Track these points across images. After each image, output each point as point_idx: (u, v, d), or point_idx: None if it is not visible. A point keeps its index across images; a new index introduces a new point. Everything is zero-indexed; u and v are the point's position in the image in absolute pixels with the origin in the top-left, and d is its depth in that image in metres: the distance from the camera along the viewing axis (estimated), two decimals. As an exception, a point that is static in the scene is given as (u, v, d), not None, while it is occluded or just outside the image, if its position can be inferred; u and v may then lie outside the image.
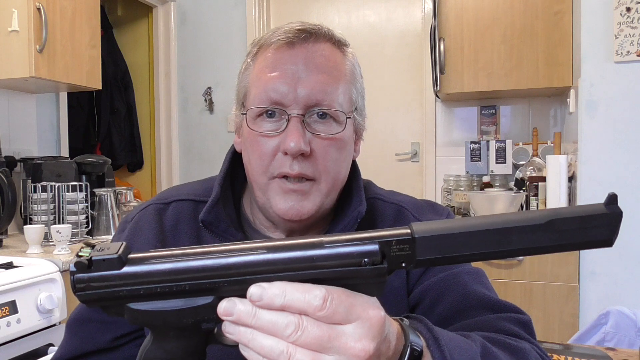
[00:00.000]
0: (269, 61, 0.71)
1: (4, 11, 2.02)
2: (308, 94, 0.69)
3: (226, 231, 0.74)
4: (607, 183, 2.07)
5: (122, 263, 0.43)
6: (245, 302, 0.41)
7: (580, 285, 2.09)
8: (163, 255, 0.43)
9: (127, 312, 0.44)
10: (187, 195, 0.81)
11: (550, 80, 2.39)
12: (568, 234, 0.42)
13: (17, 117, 2.40)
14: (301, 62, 0.70)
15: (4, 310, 1.40)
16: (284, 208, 0.70)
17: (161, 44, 3.42)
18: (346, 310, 0.41)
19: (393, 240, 0.43)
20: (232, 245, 0.44)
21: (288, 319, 0.40)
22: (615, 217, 0.43)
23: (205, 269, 0.42)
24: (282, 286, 0.41)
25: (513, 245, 0.43)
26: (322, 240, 0.43)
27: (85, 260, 0.43)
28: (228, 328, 0.42)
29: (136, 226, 0.80)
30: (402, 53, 3.06)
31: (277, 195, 0.70)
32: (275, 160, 0.70)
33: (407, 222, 0.79)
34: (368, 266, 0.42)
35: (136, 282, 0.43)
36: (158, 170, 3.51)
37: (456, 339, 0.55)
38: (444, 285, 0.73)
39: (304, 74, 0.69)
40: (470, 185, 2.73)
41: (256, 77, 0.72)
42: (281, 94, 0.69)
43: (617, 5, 2.04)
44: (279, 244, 0.43)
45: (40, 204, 2.04)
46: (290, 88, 0.69)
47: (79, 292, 0.43)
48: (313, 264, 0.42)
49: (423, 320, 0.54)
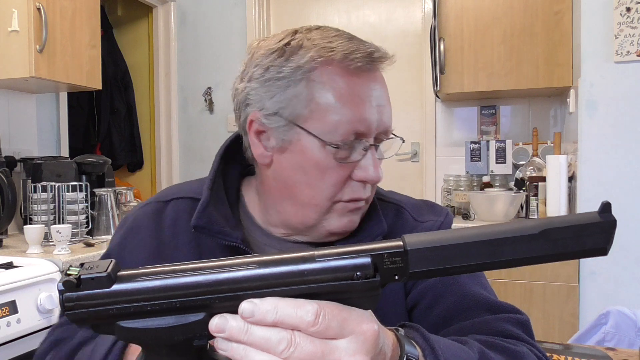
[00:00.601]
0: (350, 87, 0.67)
1: (4, 11, 2.02)
2: (388, 123, 0.70)
3: (221, 232, 0.73)
4: (607, 183, 2.07)
5: (112, 281, 0.42)
6: (237, 319, 0.41)
7: (580, 285, 2.09)
8: (153, 272, 0.43)
9: (118, 330, 0.43)
10: (187, 193, 0.81)
11: (550, 80, 2.39)
12: (562, 243, 0.42)
13: (17, 117, 2.40)
14: (379, 88, 0.70)
15: (4, 310, 1.40)
16: (343, 225, 0.71)
17: (161, 44, 3.42)
18: (339, 325, 0.41)
19: (385, 253, 0.42)
20: (222, 260, 0.43)
21: (281, 335, 0.40)
22: (609, 225, 0.42)
23: (195, 285, 0.42)
24: (274, 302, 0.41)
25: (507, 255, 0.42)
26: (314, 254, 0.42)
27: (74, 278, 0.42)
28: (221, 345, 0.42)
29: (134, 224, 0.80)
30: (402, 53, 3.05)
31: (339, 216, 0.71)
32: (347, 186, 0.70)
33: (406, 222, 0.79)
34: (360, 280, 0.42)
35: (126, 300, 0.42)
36: (158, 170, 3.51)
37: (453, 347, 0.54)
38: (442, 286, 0.73)
39: (384, 102, 0.70)
40: (470, 185, 2.73)
41: (333, 101, 0.67)
42: (368, 125, 0.68)
43: (617, 5, 2.04)
44: (270, 258, 0.42)
45: (40, 204, 2.04)
46: (376, 118, 0.68)
47: (68, 312, 0.42)
48: (304, 278, 0.41)
49: (419, 329, 0.54)
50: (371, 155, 0.68)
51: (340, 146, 0.67)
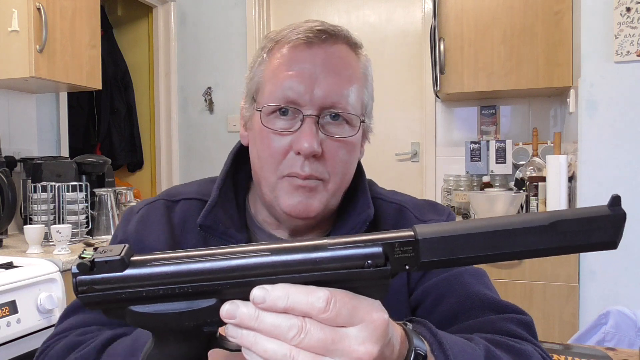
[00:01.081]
0: (286, 59, 0.71)
1: (4, 11, 2.02)
2: (324, 95, 0.69)
3: (225, 233, 0.74)
4: (607, 183, 2.07)
5: (125, 265, 0.42)
6: (248, 305, 0.41)
7: (580, 285, 2.09)
8: (166, 258, 0.43)
9: (129, 315, 0.43)
10: (195, 194, 0.81)
11: (550, 80, 2.39)
12: (571, 236, 0.42)
13: (17, 117, 2.40)
14: (319, 63, 0.70)
15: (4, 310, 1.40)
16: (292, 204, 0.70)
17: (161, 44, 3.42)
18: (349, 312, 0.41)
19: (396, 242, 0.43)
20: (235, 247, 0.43)
21: (291, 322, 0.40)
22: (619, 218, 0.43)
23: (208, 271, 0.42)
24: (285, 288, 0.41)
25: (517, 247, 0.42)
26: (325, 243, 0.43)
27: (88, 262, 0.42)
28: (231, 331, 0.42)
29: (144, 219, 0.80)
30: (402, 53, 3.06)
31: (286, 194, 0.70)
32: (286, 159, 0.70)
33: (408, 221, 0.80)
34: (371, 268, 0.42)
35: (138, 285, 0.42)
36: (158, 170, 3.51)
37: (460, 343, 0.54)
38: (446, 285, 0.73)
39: (322, 75, 0.69)
40: (470, 185, 2.73)
41: (272, 73, 0.72)
42: (297, 93, 0.69)
43: (617, 5, 2.04)
44: (282, 246, 0.43)
45: (40, 204, 2.04)
46: (307, 88, 0.69)
47: (81, 295, 0.43)
48: (316, 266, 0.42)
49: (426, 324, 0.54)
50: (306, 127, 0.68)
51: (273, 113, 0.70)
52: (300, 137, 0.68)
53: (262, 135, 0.71)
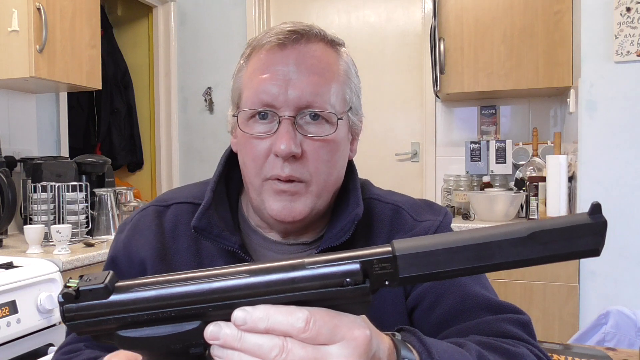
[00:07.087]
0: (261, 63, 0.72)
1: (4, 11, 2.02)
2: (299, 96, 0.69)
3: (219, 235, 0.74)
4: (607, 183, 2.07)
5: (109, 292, 0.43)
6: (231, 326, 0.42)
7: (580, 285, 2.09)
8: (148, 283, 0.44)
9: (117, 339, 0.44)
10: (186, 198, 0.82)
11: (550, 80, 2.39)
12: (552, 245, 0.42)
13: (17, 117, 2.40)
14: (292, 64, 0.70)
15: (4, 310, 1.40)
16: (276, 209, 0.71)
17: (161, 44, 3.42)
18: (330, 331, 0.41)
19: (374, 259, 0.43)
20: (215, 270, 0.44)
21: (273, 342, 0.41)
22: (600, 226, 0.42)
23: (189, 294, 0.43)
24: (265, 310, 0.41)
25: (496, 259, 0.42)
26: (304, 262, 0.43)
27: (73, 290, 0.43)
28: (216, 352, 0.43)
29: (135, 227, 0.81)
30: (402, 53, 3.06)
31: (270, 197, 0.71)
32: (267, 162, 0.70)
33: (404, 222, 0.79)
34: (350, 286, 0.42)
35: (123, 310, 0.43)
36: (158, 170, 3.51)
37: (450, 351, 0.54)
38: (443, 287, 0.73)
39: (295, 75, 0.69)
40: (470, 185, 2.73)
41: (248, 79, 0.73)
42: (272, 95, 0.69)
43: (617, 5, 2.04)
44: (260, 267, 0.43)
45: (40, 204, 2.04)
46: (280, 89, 0.69)
47: (69, 322, 0.44)
48: (295, 285, 0.42)
49: (416, 333, 0.54)
50: (282, 128, 0.69)
51: (252, 118, 0.71)
52: (277, 139, 0.68)
53: (244, 140, 0.73)
